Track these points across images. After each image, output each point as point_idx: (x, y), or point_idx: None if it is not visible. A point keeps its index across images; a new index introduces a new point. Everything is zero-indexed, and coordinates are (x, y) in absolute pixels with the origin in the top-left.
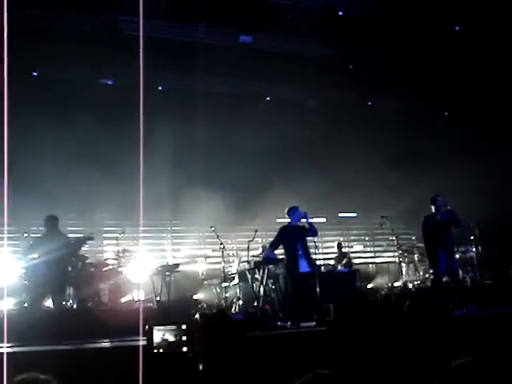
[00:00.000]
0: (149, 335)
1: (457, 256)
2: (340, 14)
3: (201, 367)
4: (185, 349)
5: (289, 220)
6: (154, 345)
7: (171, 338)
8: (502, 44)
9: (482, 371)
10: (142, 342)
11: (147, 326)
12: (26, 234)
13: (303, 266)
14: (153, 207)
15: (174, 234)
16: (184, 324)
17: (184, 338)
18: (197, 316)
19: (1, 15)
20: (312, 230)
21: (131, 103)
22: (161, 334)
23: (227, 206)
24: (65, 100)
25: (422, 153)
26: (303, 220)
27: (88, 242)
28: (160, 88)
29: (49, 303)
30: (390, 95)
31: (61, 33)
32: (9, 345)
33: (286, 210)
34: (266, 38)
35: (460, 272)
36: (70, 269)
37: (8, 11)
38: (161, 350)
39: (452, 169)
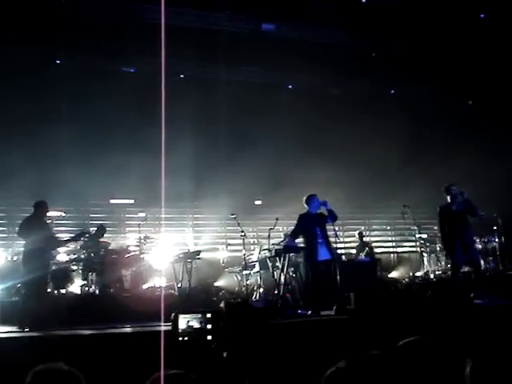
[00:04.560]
0: (174, 323)
1: (479, 246)
2: (363, 1)
3: (225, 355)
4: (209, 337)
5: (307, 208)
6: (179, 332)
7: (196, 326)
8: None
9: (429, 349)
10: (163, 328)
11: (173, 314)
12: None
13: (323, 254)
14: (175, 194)
15: (195, 222)
16: (209, 312)
17: (209, 326)
18: (222, 305)
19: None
20: (331, 216)
21: (153, 91)
22: (186, 322)
23: (249, 193)
24: (88, 87)
25: (447, 141)
26: (323, 207)
27: (81, 237)
28: (182, 76)
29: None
30: (413, 84)
31: (85, 20)
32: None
33: (303, 199)
34: (289, 27)
35: (481, 262)
36: (92, 255)
37: None
38: (186, 338)
39: (477, 158)
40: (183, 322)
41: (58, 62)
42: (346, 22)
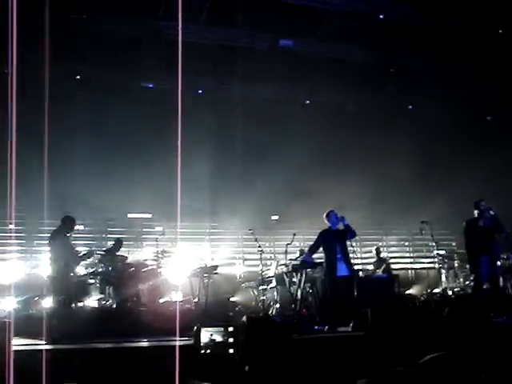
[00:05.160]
0: (196, 336)
1: (498, 263)
2: (380, 17)
3: (247, 368)
4: (231, 350)
5: (328, 225)
6: (202, 345)
7: (218, 340)
8: None
9: (453, 365)
10: (178, 343)
11: (195, 327)
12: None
13: (341, 270)
14: (192, 209)
15: (212, 236)
16: (231, 326)
17: (231, 339)
18: (243, 319)
19: (44, 19)
20: (349, 232)
21: (171, 106)
22: (208, 335)
23: (265, 208)
24: (106, 102)
25: (465, 156)
26: (340, 223)
27: (89, 258)
28: (200, 92)
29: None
30: (430, 99)
31: (104, 37)
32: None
33: (324, 215)
34: (307, 42)
35: (501, 279)
36: (109, 269)
37: (52, 15)
38: (208, 351)
39: (495, 173)
40: (205, 335)
41: (78, 77)
42: (364, 37)
